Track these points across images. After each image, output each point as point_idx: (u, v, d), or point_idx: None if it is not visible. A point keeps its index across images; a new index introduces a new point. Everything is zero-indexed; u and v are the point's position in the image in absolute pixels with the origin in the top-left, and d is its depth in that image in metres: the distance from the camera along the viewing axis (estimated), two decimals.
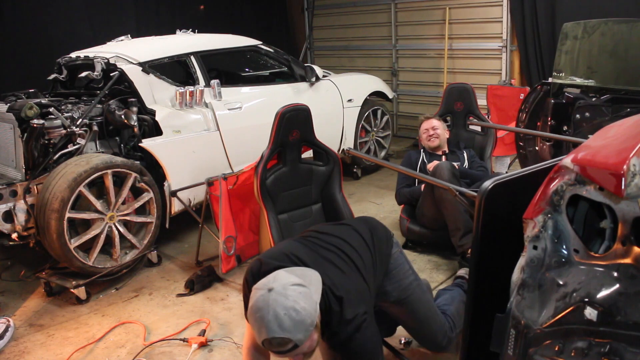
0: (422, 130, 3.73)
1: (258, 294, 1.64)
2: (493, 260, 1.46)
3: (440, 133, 3.66)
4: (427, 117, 3.78)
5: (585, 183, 1.20)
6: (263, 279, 1.70)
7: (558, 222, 1.27)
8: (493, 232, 1.44)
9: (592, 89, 3.42)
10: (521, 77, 5.89)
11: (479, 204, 1.41)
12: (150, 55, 3.84)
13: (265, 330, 1.57)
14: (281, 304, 1.58)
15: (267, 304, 1.59)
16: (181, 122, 3.69)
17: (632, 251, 1.12)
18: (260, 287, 1.66)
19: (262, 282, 1.68)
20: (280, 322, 1.56)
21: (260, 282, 1.69)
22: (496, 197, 1.41)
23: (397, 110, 7.28)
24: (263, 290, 1.63)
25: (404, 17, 6.94)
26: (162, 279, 3.37)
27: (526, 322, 1.28)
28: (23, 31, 5.58)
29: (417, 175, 3.16)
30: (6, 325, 2.75)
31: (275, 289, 1.61)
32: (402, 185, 3.58)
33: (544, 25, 5.41)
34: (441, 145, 3.66)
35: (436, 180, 2.44)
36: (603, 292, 1.13)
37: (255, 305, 1.62)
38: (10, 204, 3.05)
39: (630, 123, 1.39)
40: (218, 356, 2.52)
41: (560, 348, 1.18)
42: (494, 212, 1.42)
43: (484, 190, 1.41)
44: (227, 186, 3.26)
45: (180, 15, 6.88)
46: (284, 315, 1.57)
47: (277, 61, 4.79)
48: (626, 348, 1.08)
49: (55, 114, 3.22)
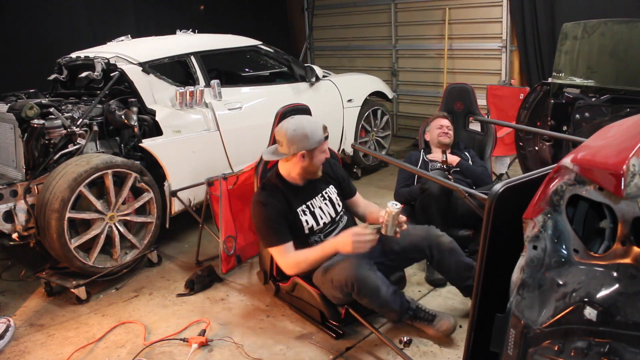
0: (436, 125, 3.70)
1: (286, 124, 2.45)
2: (500, 263, 1.46)
3: (452, 134, 3.68)
4: (443, 115, 3.76)
5: (585, 183, 1.20)
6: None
7: (558, 222, 1.28)
8: (501, 235, 1.44)
9: (592, 89, 3.41)
10: (521, 77, 5.90)
11: (489, 207, 1.40)
12: (150, 55, 3.84)
13: (315, 128, 2.43)
14: (303, 118, 2.54)
15: (297, 121, 2.47)
16: (181, 122, 3.69)
17: (632, 251, 1.12)
18: (283, 123, 2.48)
19: (281, 124, 2.50)
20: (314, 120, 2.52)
21: (280, 125, 2.51)
22: (506, 201, 1.41)
23: (397, 110, 7.28)
24: (287, 121, 2.48)
25: (404, 17, 6.94)
26: (162, 279, 3.37)
27: (526, 322, 1.28)
28: (23, 31, 5.58)
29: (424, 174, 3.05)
30: (6, 325, 2.75)
31: (293, 117, 2.52)
32: (401, 185, 3.58)
33: (543, 25, 5.41)
34: (449, 145, 3.68)
35: (443, 180, 2.42)
36: (603, 292, 1.13)
37: (291, 128, 2.42)
38: (11, 204, 3.05)
39: (630, 123, 1.39)
40: (218, 356, 2.52)
41: (560, 348, 1.19)
42: (503, 215, 1.42)
43: (494, 193, 1.40)
44: (227, 186, 3.27)
45: (180, 15, 6.88)
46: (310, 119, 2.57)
47: (277, 61, 4.79)
48: (626, 348, 1.09)
49: (55, 114, 3.22)
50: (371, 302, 2.34)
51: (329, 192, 2.67)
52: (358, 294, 2.32)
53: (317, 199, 2.61)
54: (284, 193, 2.51)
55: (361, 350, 2.50)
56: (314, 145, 2.42)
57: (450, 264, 2.55)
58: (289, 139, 2.41)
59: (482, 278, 1.46)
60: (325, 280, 2.45)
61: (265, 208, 2.45)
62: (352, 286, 2.30)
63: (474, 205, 2.21)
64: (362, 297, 2.33)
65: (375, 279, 2.32)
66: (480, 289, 1.47)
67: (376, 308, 2.39)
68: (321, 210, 2.60)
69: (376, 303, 2.35)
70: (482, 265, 1.45)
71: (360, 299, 2.35)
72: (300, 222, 2.51)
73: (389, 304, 2.35)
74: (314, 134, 2.42)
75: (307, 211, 2.55)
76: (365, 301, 2.35)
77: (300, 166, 2.48)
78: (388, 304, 2.35)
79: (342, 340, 2.58)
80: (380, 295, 2.32)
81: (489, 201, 1.40)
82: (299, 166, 2.48)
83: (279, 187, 2.54)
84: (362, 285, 2.29)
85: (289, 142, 2.41)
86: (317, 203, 2.60)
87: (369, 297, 2.32)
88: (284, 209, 2.47)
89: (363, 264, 2.34)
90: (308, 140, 2.41)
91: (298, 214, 2.52)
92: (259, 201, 2.49)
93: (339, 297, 2.44)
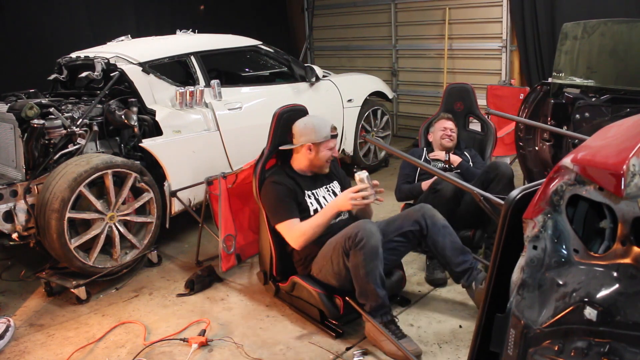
0: (440, 127, 3.70)
1: (300, 119, 2.84)
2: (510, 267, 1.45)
3: (455, 137, 3.67)
4: (448, 117, 3.76)
5: (585, 183, 1.20)
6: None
7: (558, 222, 1.27)
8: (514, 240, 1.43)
9: (592, 89, 3.41)
10: (521, 77, 5.89)
11: (505, 212, 1.40)
12: (150, 55, 3.84)
13: (323, 125, 2.76)
14: (315, 116, 2.91)
15: (309, 117, 2.87)
16: (181, 122, 3.69)
17: (632, 251, 1.12)
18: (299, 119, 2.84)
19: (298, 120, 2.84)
20: (325, 119, 2.84)
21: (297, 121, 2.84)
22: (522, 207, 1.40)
23: (397, 110, 7.28)
24: (302, 118, 2.86)
25: (404, 17, 6.94)
26: (162, 279, 3.37)
27: (526, 322, 1.28)
28: (23, 31, 5.57)
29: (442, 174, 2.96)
30: (6, 325, 2.76)
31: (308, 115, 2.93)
32: (403, 181, 3.58)
33: (543, 25, 5.40)
34: (451, 148, 3.67)
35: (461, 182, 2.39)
36: (603, 292, 1.13)
37: (302, 122, 2.80)
38: (11, 204, 3.05)
39: (630, 123, 1.39)
40: (218, 356, 2.52)
41: (560, 348, 1.19)
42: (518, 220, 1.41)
43: (511, 199, 1.40)
44: (227, 185, 3.27)
45: (180, 15, 6.88)
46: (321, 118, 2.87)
47: (277, 61, 4.79)
48: (626, 348, 1.08)
49: (55, 114, 3.22)
50: (364, 261, 2.37)
51: (332, 186, 2.90)
52: (357, 244, 2.37)
53: (322, 190, 2.84)
54: (294, 179, 2.78)
55: (361, 349, 2.50)
56: (320, 139, 2.73)
57: (445, 243, 2.61)
58: (299, 131, 2.78)
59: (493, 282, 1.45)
60: (329, 251, 2.53)
61: (278, 186, 2.71)
62: (356, 236, 2.38)
63: (488, 209, 2.18)
64: (360, 250, 2.37)
65: (380, 241, 2.41)
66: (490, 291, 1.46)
67: (362, 277, 2.40)
68: (325, 199, 2.81)
69: (368, 265, 2.37)
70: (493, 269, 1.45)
71: (356, 253, 2.38)
72: (306, 203, 2.75)
73: (375, 280, 2.39)
74: (321, 129, 2.75)
75: (312, 197, 2.79)
76: (359, 258, 2.38)
77: (308, 158, 2.78)
78: (375, 279, 2.39)
79: (342, 339, 2.59)
80: (375, 259, 2.37)
81: (505, 207, 1.40)
82: (307, 158, 2.78)
83: (289, 174, 2.80)
84: (366, 237, 2.37)
85: (299, 134, 2.78)
86: (322, 193, 2.83)
87: (365, 252, 2.37)
88: (294, 190, 2.73)
89: (375, 225, 2.49)
90: (315, 134, 2.73)
91: (305, 196, 2.76)
92: (272, 181, 2.74)
93: (335, 267, 2.50)
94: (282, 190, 2.69)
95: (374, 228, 2.44)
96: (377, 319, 2.45)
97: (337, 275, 2.52)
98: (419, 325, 2.68)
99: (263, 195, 2.76)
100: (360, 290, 2.44)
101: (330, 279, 2.57)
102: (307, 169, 2.82)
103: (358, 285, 2.44)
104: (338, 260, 2.50)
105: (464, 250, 2.64)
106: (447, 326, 2.66)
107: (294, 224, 2.64)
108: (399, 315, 2.76)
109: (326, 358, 2.46)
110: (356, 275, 2.42)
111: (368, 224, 2.45)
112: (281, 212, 2.66)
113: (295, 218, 2.66)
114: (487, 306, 1.48)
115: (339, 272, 2.51)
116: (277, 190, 2.69)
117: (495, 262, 1.45)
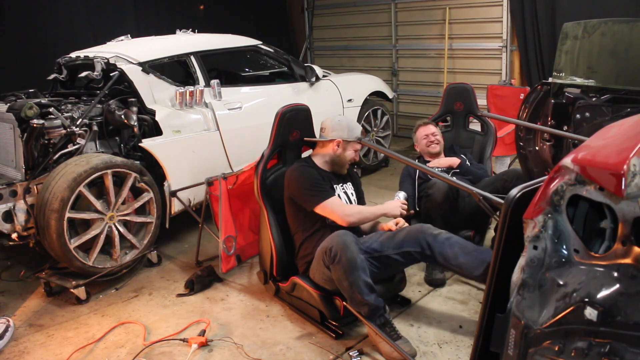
0: (421, 137, 3.64)
1: (334, 115, 2.95)
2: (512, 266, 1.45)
3: (440, 139, 3.64)
4: (424, 122, 3.69)
5: (585, 183, 1.20)
6: None
7: (558, 222, 1.27)
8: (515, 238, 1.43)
9: (592, 89, 3.41)
10: (521, 77, 5.89)
11: (505, 211, 1.40)
12: (150, 55, 3.84)
13: (356, 126, 2.88)
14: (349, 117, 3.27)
15: (343, 116, 3.06)
16: (181, 122, 3.68)
17: (632, 251, 1.12)
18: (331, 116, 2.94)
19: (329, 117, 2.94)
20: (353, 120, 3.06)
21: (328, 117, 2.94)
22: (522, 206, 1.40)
23: (397, 110, 7.28)
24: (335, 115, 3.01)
25: (404, 17, 6.94)
26: (162, 279, 3.37)
27: (526, 322, 1.28)
28: (23, 31, 5.57)
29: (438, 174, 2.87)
30: (6, 325, 2.75)
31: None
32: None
33: (544, 25, 5.40)
34: (441, 151, 3.64)
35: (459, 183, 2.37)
36: (603, 292, 1.13)
37: (336, 118, 2.88)
38: (10, 204, 3.05)
39: (630, 123, 1.39)
40: (218, 356, 2.52)
41: (561, 348, 1.18)
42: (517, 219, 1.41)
43: (511, 198, 1.40)
44: (227, 186, 3.26)
45: (180, 15, 6.88)
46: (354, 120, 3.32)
47: (277, 61, 4.78)
48: (626, 348, 1.08)
49: (55, 114, 3.22)
50: (345, 274, 2.33)
51: (346, 187, 2.91)
52: (333, 260, 2.34)
53: (338, 187, 2.85)
54: (317, 170, 2.81)
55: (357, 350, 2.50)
56: (351, 138, 2.81)
57: (455, 252, 2.39)
58: (332, 125, 2.83)
59: (494, 280, 1.45)
60: (317, 260, 2.52)
61: (309, 169, 2.75)
62: (330, 250, 2.36)
63: (488, 209, 2.17)
64: (337, 264, 2.33)
65: (356, 251, 2.35)
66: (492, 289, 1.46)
67: (347, 289, 2.35)
68: (339, 197, 2.79)
69: (350, 277, 2.32)
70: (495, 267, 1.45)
71: (335, 267, 2.35)
72: (334, 191, 2.76)
73: (360, 288, 2.33)
74: (354, 129, 2.85)
75: (335, 189, 2.82)
76: (339, 272, 2.34)
77: (333, 153, 2.82)
78: (360, 288, 2.33)
79: (341, 340, 2.58)
80: (355, 270, 2.31)
81: (505, 206, 1.40)
82: (333, 153, 2.82)
83: (312, 166, 2.83)
84: (340, 251, 2.32)
85: (331, 128, 2.83)
86: (337, 190, 2.83)
87: (343, 266, 2.32)
88: (323, 177, 2.76)
89: (349, 235, 2.41)
90: (347, 132, 2.81)
91: (330, 186, 2.78)
92: (302, 167, 2.77)
93: (324, 275, 2.48)
94: (314, 174, 2.71)
95: (348, 239, 2.37)
96: (372, 321, 2.43)
97: (330, 282, 2.51)
98: (419, 325, 2.68)
99: (293, 183, 2.71)
100: (350, 299, 2.43)
101: (324, 284, 2.57)
102: (327, 166, 2.85)
103: (347, 296, 2.42)
104: (323, 271, 2.50)
105: (477, 248, 2.42)
106: (447, 326, 2.66)
107: (340, 202, 2.67)
108: (399, 315, 2.77)
109: (326, 358, 2.46)
110: (342, 287, 2.40)
111: (342, 237, 2.39)
112: (321, 192, 2.65)
113: (335, 197, 2.68)
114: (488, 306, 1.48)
115: (329, 279, 2.49)
116: (309, 173, 2.70)
117: (496, 262, 1.45)
